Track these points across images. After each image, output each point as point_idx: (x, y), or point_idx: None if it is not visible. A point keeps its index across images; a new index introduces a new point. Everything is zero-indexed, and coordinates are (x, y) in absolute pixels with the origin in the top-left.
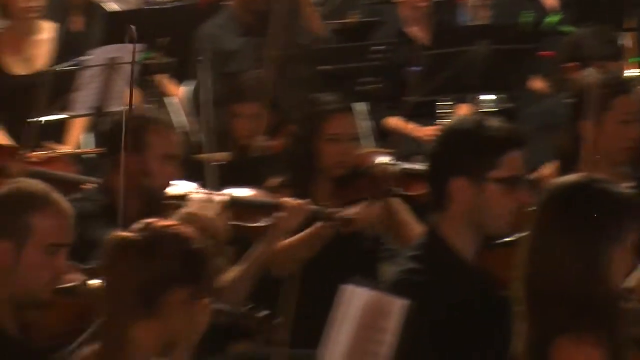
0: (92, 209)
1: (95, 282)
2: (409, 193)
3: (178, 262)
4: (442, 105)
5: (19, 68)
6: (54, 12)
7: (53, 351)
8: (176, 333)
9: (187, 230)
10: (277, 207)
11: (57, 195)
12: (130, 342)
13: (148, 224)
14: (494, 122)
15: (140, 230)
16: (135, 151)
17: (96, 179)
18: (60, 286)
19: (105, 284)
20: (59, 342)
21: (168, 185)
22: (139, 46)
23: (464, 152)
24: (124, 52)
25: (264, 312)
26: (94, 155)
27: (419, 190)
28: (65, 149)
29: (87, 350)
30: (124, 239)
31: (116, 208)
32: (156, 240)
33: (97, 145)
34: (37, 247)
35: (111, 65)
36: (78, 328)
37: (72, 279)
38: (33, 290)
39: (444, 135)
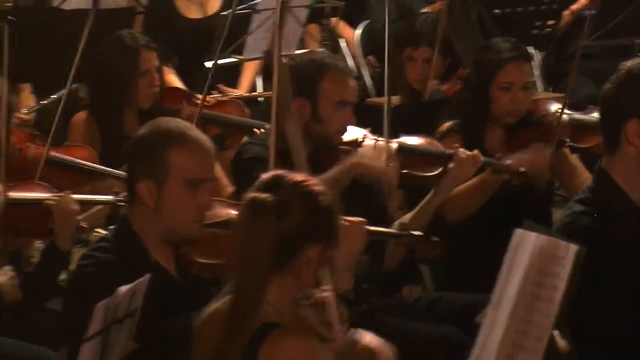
0: (265, 153)
1: None
2: (580, 145)
3: (310, 219)
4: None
5: (193, 12)
6: None
7: (211, 285)
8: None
9: (317, 185)
10: (450, 157)
11: (195, 132)
12: (263, 297)
13: (279, 180)
14: None
15: (272, 188)
16: (309, 97)
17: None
18: (212, 221)
19: (239, 243)
20: (216, 276)
21: (343, 131)
22: None
23: None
24: None
25: (420, 232)
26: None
27: (590, 142)
28: (237, 92)
29: (217, 304)
30: (256, 199)
31: (288, 153)
32: (288, 199)
33: (266, 89)
34: (176, 183)
35: (284, 9)
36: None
37: (225, 215)
38: (181, 227)
39: (623, 77)
